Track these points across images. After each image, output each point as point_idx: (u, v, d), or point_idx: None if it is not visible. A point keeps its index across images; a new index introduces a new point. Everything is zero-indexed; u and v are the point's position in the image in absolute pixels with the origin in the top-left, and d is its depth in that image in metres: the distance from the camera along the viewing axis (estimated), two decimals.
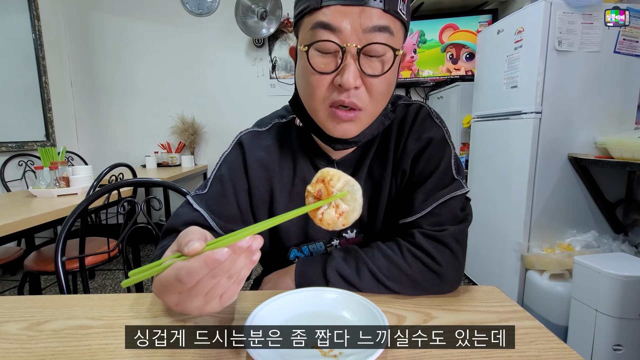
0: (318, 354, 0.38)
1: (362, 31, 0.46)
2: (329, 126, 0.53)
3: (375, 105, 0.51)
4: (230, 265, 0.32)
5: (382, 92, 0.51)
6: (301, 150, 0.62)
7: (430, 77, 2.71)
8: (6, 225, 1.07)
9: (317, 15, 0.47)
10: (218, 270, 0.32)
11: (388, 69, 0.49)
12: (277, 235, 0.64)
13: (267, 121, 0.66)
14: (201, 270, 0.31)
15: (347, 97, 0.49)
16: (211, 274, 0.32)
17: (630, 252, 1.42)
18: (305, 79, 0.51)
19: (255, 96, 3.07)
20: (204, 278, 0.32)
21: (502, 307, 0.49)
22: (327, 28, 0.46)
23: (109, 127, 3.11)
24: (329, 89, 0.50)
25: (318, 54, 0.49)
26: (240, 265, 0.33)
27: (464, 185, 0.57)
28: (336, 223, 0.41)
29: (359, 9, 0.45)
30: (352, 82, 0.47)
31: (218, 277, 0.32)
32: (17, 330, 0.44)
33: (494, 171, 1.86)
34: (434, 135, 0.58)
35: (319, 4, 0.47)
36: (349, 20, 0.46)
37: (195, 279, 0.32)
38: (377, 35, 0.46)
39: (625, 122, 1.57)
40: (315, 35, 0.48)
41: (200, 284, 0.32)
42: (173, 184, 0.92)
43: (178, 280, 0.32)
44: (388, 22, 0.47)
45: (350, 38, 0.46)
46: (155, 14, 2.97)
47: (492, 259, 1.85)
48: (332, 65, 0.48)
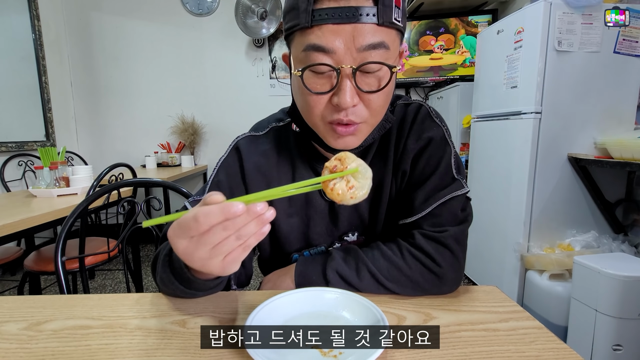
0: (318, 354, 0.38)
1: (356, 50, 0.45)
2: (329, 140, 0.53)
3: (375, 117, 0.51)
4: (242, 224, 0.34)
5: (381, 105, 0.50)
6: (299, 154, 0.62)
7: (430, 78, 2.72)
8: (6, 225, 1.07)
9: (309, 36, 0.45)
10: (231, 223, 0.34)
11: (385, 84, 0.48)
12: (278, 242, 0.63)
13: (264, 125, 0.65)
14: (217, 216, 0.33)
15: (345, 115, 0.48)
16: (224, 224, 0.34)
17: (630, 252, 1.42)
18: (302, 97, 0.51)
19: (255, 96, 3.06)
20: (217, 227, 0.34)
21: (502, 307, 0.49)
22: (320, 50, 0.45)
23: (109, 127, 3.11)
24: (327, 108, 0.49)
25: (313, 75, 0.47)
26: (250, 230, 0.35)
27: (464, 185, 0.56)
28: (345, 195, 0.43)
29: (351, 27, 0.44)
30: (350, 101, 0.46)
31: (229, 231, 0.34)
32: (17, 330, 0.44)
33: (493, 171, 1.86)
34: (433, 135, 0.58)
35: (309, 23, 0.45)
36: (342, 40, 0.44)
37: (210, 223, 0.33)
38: (372, 53, 0.45)
39: (625, 122, 1.57)
40: (308, 58, 0.46)
41: (211, 232, 0.34)
42: (173, 184, 0.92)
43: (195, 220, 0.33)
44: (382, 36, 0.45)
45: (345, 58, 0.45)
46: (155, 14, 2.97)
47: (492, 259, 1.85)
48: (327, 85, 0.47)
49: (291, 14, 0.47)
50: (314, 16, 0.44)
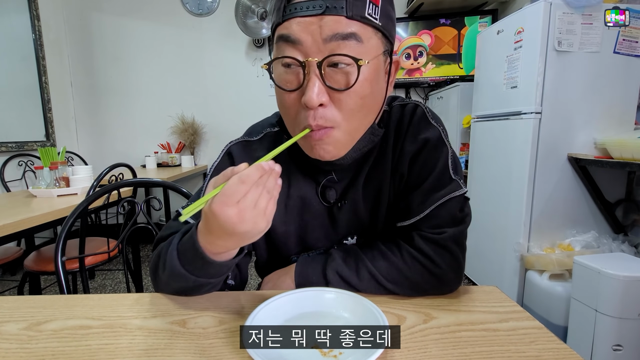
0: (318, 354, 0.38)
1: (322, 42, 0.43)
2: (306, 148, 0.52)
3: (349, 121, 0.48)
4: (267, 179, 0.39)
5: (354, 107, 0.47)
6: (294, 161, 0.60)
7: (430, 78, 2.72)
8: (6, 225, 1.07)
9: (280, 29, 0.46)
10: (262, 180, 0.38)
11: (354, 82, 0.44)
12: (276, 247, 0.63)
13: (258, 130, 0.63)
14: (255, 174, 0.38)
15: (313, 119, 0.46)
16: (257, 182, 0.38)
17: (630, 252, 1.42)
18: (277, 97, 0.50)
19: (255, 96, 3.06)
20: (255, 186, 0.38)
21: (502, 307, 0.49)
22: (288, 41, 0.45)
23: (108, 127, 3.11)
24: (297, 108, 0.47)
25: (283, 71, 0.46)
26: (272, 183, 0.40)
27: (462, 185, 0.56)
28: None
29: (318, 19, 0.43)
30: (315, 99, 0.44)
31: (261, 187, 0.39)
32: (17, 330, 0.44)
33: (493, 171, 1.86)
34: (429, 136, 0.56)
35: (280, 18, 0.45)
36: (309, 32, 0.43)
37: (252, 181, 0.37)
38: (341, 45, 0.43)
39: (625, 122, 1.57)
40: (279, 50, 0.46)
41: (251, 191, 0.38)
42: (173, 184, 0.92)
43: (241, 182, 0.37)
44: (353, 28, 0.43)
45: (311, 51, 0.44)
46: (155, 14, 2.97)
47: (492, 259, 1.85)
48: (295, 82, 0.46)
49: (273, 16, 0.48)
50: (286, 11, 0.45)
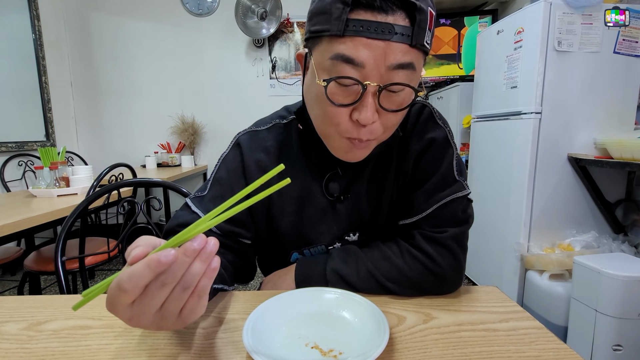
0: (318, 354, 0.38)
1: (385, 68, 0.43)
2: (339, 153, 0.52)
3: (387, 134, 0.51)
4: (180, 271, 0.29)
5: (396, 123, 0.50)
6: (302, 153, 0.61)
7: (430, 77, 2.72)
8: (6, 225, 1.07)
9: (339, 45, 0.43)
10: (166, 277, 0.28)
11: (407, 106, 0.47)
12: (277, 240, 0.63)
13: (267, 121, 0.64)
14: (144, 275, 0.28)
15: (364, 133, 0.48)
16: (159, 281, 0.28)
17: (630, 253, 1.42)
18: (320, 105, 0.49)
19: (255, 96, 3.06)
20: (152, 286, 0.29)
21: (502, 307, 0.49)
22: (349, 62, 0.43)
23: (109, 127, 3.11)
24: (345, 121, 0.48)
25: (336, 86, 0.46)
26: (195, 272, 0.29)
27: (466, 186, 0.56)
28: None
29: (384, 44, 0.42)
30: (371, 119, 0.45)
31: (168, 286, 0.29)
32: (17, 330, 0.44)
33: (493, 171, 1.86)
34: (436, 136, 0.57)
35: (341, 31, 0.42)
36: (373, 55, 0.42)
37: (139, 285, 0.28)
38: (400, 73, 0.44)
39: (625, 122, 1.57)
40: (335, 68, 0.44)
41: (148, 294, 0.29)
42: (173, 184, 0.92)
43: (119, 288, 0.28)
44: (412, 58, 0.44)
45: (372, 75, 0.43)
46: (155, 14, 2.98)
47: (492, 260, 1.85)
48: (350, 98, 0.46)
49: (320, 18, 0.45)
50: (348, 25, 0.42)
